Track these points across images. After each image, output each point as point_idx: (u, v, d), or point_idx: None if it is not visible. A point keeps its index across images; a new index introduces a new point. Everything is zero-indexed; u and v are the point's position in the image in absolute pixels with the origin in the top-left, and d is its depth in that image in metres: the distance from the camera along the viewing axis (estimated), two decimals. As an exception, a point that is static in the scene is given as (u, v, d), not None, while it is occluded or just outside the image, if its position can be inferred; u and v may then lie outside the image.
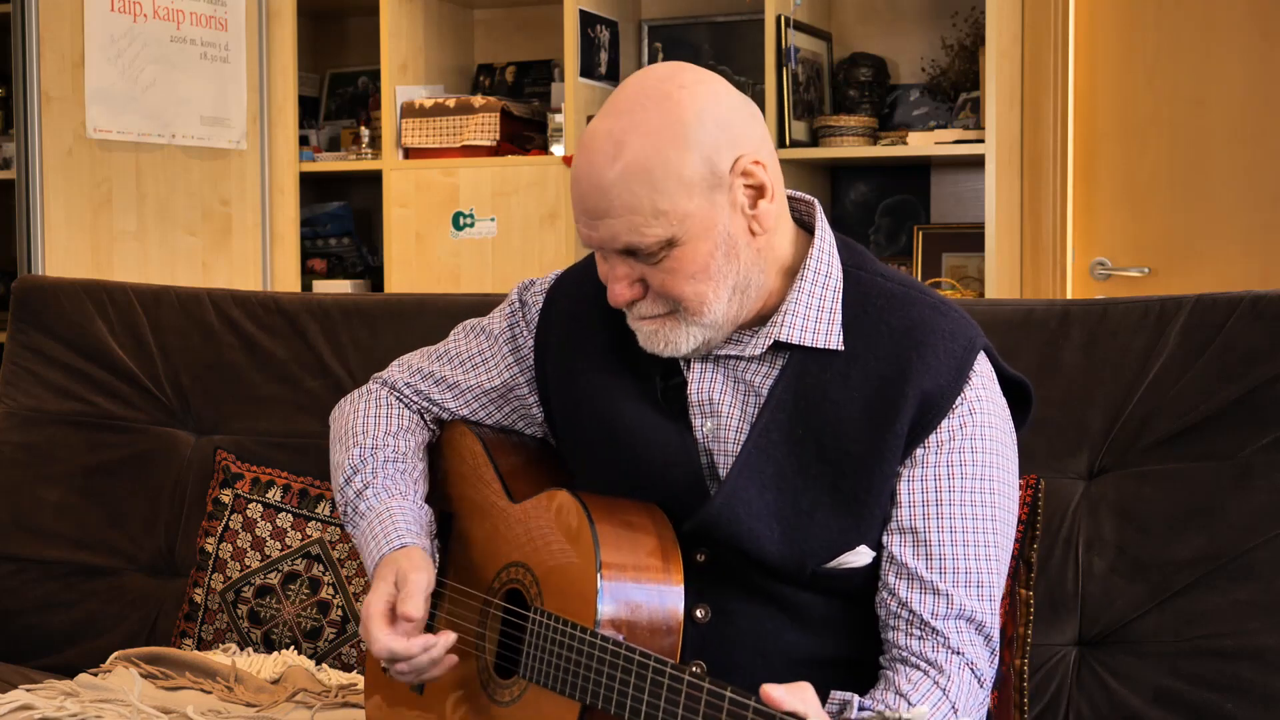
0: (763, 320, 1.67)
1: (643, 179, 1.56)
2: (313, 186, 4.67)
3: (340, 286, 4.53)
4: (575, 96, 4.07)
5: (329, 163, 4.51)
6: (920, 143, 3.89)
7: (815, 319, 1.64)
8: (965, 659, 1.59)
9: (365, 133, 4.48)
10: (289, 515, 2.46)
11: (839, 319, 1.65)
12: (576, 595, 1.60)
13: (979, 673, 1.60)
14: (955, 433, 1.62)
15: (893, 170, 4.21)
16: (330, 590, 2.40)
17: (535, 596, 1.67)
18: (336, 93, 4.92)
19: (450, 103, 4.22)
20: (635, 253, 1.60)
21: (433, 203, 4.19)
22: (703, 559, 1.66)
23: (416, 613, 1.67)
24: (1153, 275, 3.86)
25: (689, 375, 1.69)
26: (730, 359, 1.68)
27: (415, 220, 4.21)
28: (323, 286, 4.52)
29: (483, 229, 4.14)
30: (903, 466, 1.63)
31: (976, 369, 1.64)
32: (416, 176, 4.21)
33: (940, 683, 1.58)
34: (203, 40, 4.05)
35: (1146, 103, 3.86)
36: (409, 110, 4.25)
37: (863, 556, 1.63)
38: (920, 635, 1.60)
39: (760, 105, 1.64)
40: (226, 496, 2.51)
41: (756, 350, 1.66)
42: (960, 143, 3.81)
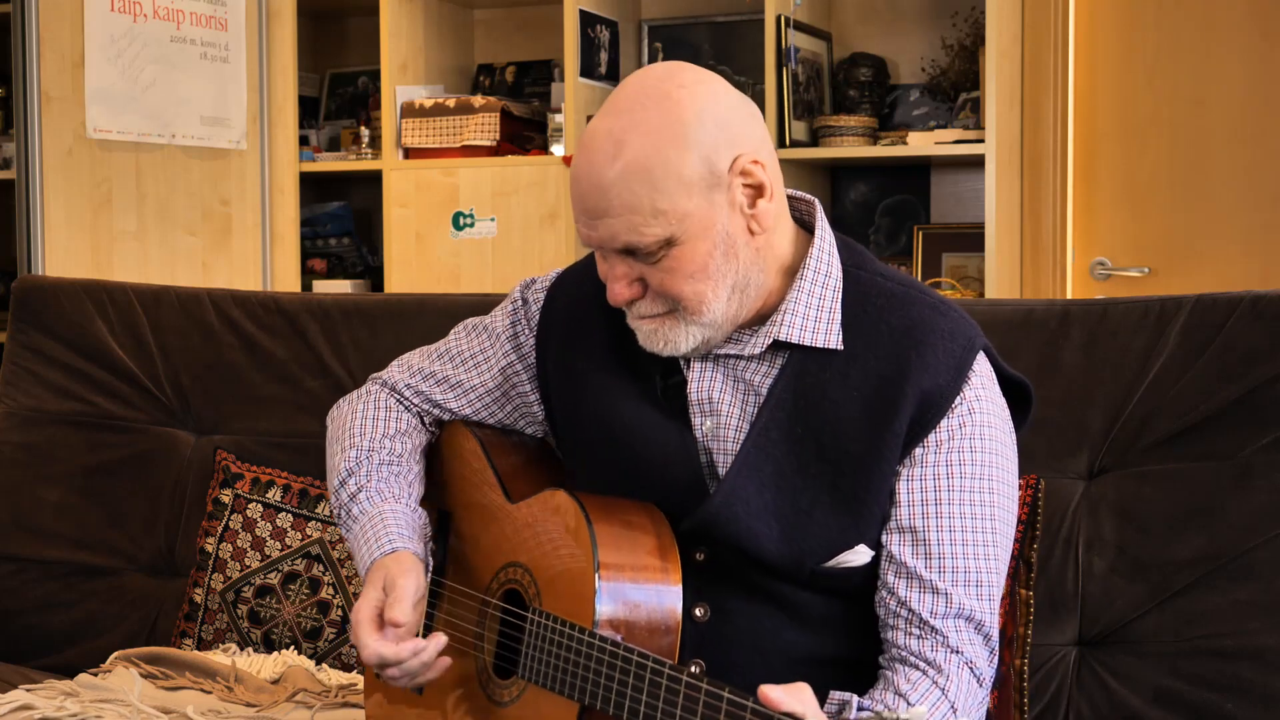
0: (762, 319, 1.67)
1: (642, 178, 1.56)
2: (313, 186, 4.67)
3: (340, 286, 4.52)
4: (575, 96, 4.07)
5: (329, 163, 4.51)
6: (920, 143, 3.88)
7: (815, 318, 1.64)
8: (964, 658, 1.59)
9: (365, 133, 4.48)
10: (289, 515, 2.46)
11: (839, 318, 1.65)
12: (575, 595, 1.60)
13: (978, 672, 1.60)
14: (954, 432, 1.62)
15: (893, 170, 4.21)
16: (330, 590, 2.40)
17: (534, 597, 1.67)
18: (336, 93, 4.92)
19: (450, 103, 4.22)
20: (634, 252, 1.60)
21: (433, 203, 4.19)
22: (702, 558, 1.66)
23: (403, 618, 1.66)
24: (1153, 275, 3.86)
25: (689, 374, 1.69)
26: (730, 358, 1.68)
27: (415, 220, 4.21)
28: (323, 286, 4.52)
29: (483, 229, 4.14)
30: (902, 466, 1.63)
31: (976, 369, 1.64)
32: (416, 176, 4.21)
33: (939, 682, 1.58)
34: (203, 40, 4.05)
35: (1146, 103, 3.85)
36: (409, 110, 4.25)
37: (861, 555, 1.63)
38: (919, 634, 1.60)
39: (760, 105, 1.64)
40: (226, 496, 2.51)
41: (756, 349, 1.66)
42: (960, 143, 3.81)
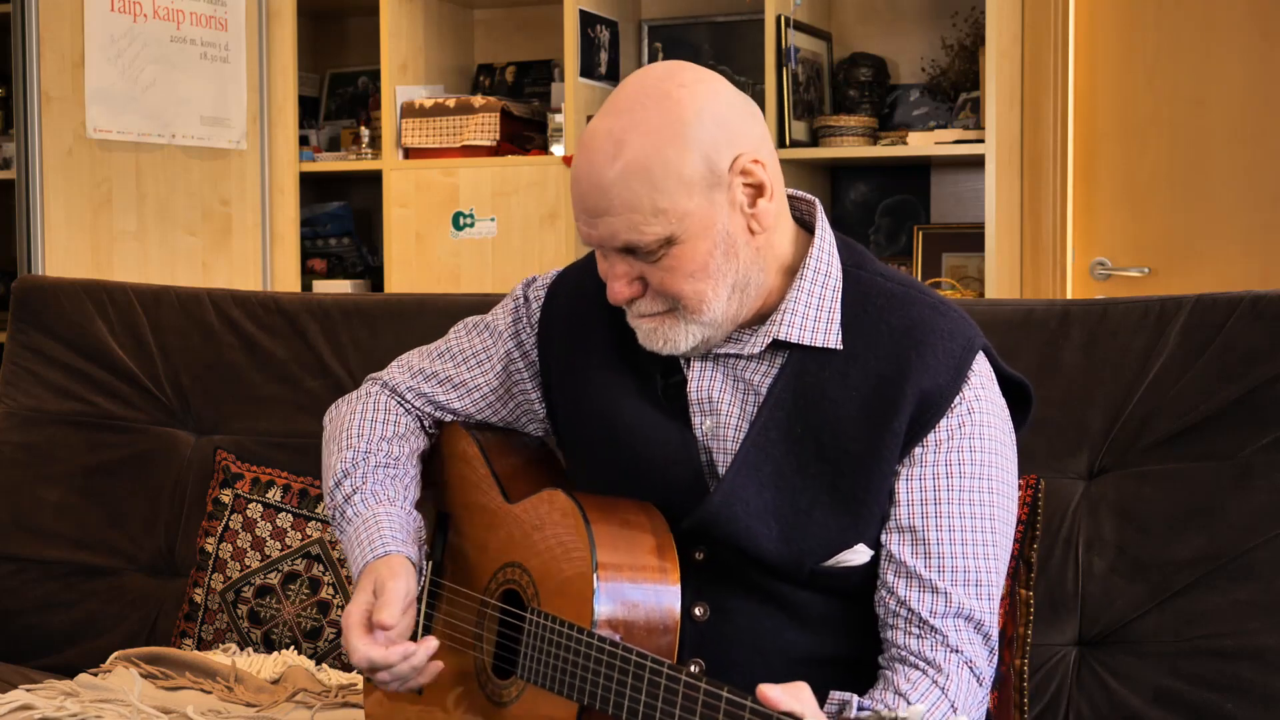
0: (762, 319, 1.67)
1: (642, 177, 1.56)
2: (313, 186, 4.67)
3: (340, 286, 4.52)
4: (575, 96, 4.07)
5: (329, 163, 4.51)
6: (920, 143, 3.88)
7: (814, 318, 1.64)
8: (964, 657, 1.59)
9: (365, 133, 4.48)
10: (289, 515, 2.46)
11: (838, 318, 1.65)
12: (573, 595, 1.60)
13: (978, 671, 1.60)
14: (954, 432, 1.62)
15: (893, 170, 4.21)
16: (330, 590, 2.40)
17: (532, 597, 1.67)
18: (336, 93, 4.92)
19: (450, 103, 4.22)
20: (634, 251, 1.60)
21: (433, 203, 4.19)
22: (701, 557, 1.66)
23: (390, 620, 1.65)
24: (1153, 275, 3.86)
25: (689, 373, 1.69)
26: (730, 357, 1.68)
27: (415, 220, 4.21)
28: (323, 286, 4.51)
29: (483, 229, 4.14)
30: (901, 465, 1.63)
31: (975, 368, 1.64)
32: (416, 176, 4.21)
33: (939, 682, 1.58)
34: (203, 40, 4.05)
35: (1146, 103, 3.85)
36: (409, 110, 4.25)
37: (861, 555, 1.63)
38: (919, 634, 1.60)
39: (760, 105, 1.64)
40: (226, 496, 2.51)
41: (756, 349, 1.66)
42: (960, 143, 3.81)
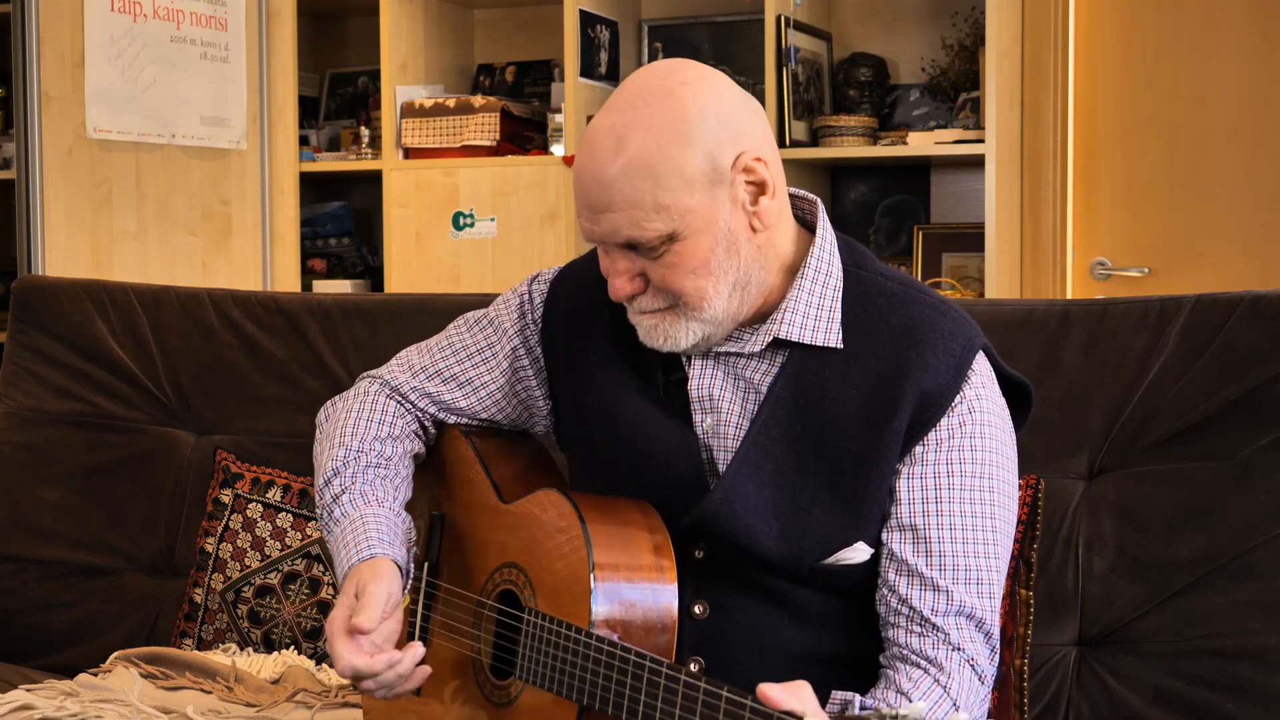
0: (763, 317, 1.67)
1: (644, 174, 1.56)
2: (313, 186, 4.67)
3: (340, 286, 4.52)
4: (575, 96, 4.07)
5: (329, 163, 4.51)
6: (920, 143, 3.88)
7: (815, 317, 1.64)
8: (965, 655, 1.59)
9: (365, 133, 4.48)
10: (289, 515, 2.46)
11: (839, 317, 1.65)
12: (570, 596, 1.60)
13: (979, 669, 1.60)
14: (954, 431, 1.62)
15: (893, 170, 4.21)
16: (330, 590, 2.40)
17: (529, 597, 1.67)
18: (336, 93, 4.92)
19: (450, 103, 4.22)
20: (636, 247, 1.60)
21: (433, 203, 4.19)
22: (701, 555, 1.66)
23: (368, 624, 1.62)
24: (1153, 275, 3.86)
25: (690, 371, 1.69)
26: (730, 356, 1.68)
27: (415, 220, 4.21)
28: (323, 286, 4.51)
29: (483, 229, 4.14)
30: (902, 464, 1.63)
31: (975, 368, 1.64)
32: (416, 176, 4.21)
33: (941, 680, 1.58)
34: (203, 40, 4.05)
35: (1146, 103, 3.85)
36: (409, 110, 4.25)
37: (860, 553, 1.63)
38: (920, 632, 1.60)
39: (760, 105, 1.64)
40: (226, 496, 2.51)
41: (756, 347, 1.66)
42: (960, 143, 3.81)
